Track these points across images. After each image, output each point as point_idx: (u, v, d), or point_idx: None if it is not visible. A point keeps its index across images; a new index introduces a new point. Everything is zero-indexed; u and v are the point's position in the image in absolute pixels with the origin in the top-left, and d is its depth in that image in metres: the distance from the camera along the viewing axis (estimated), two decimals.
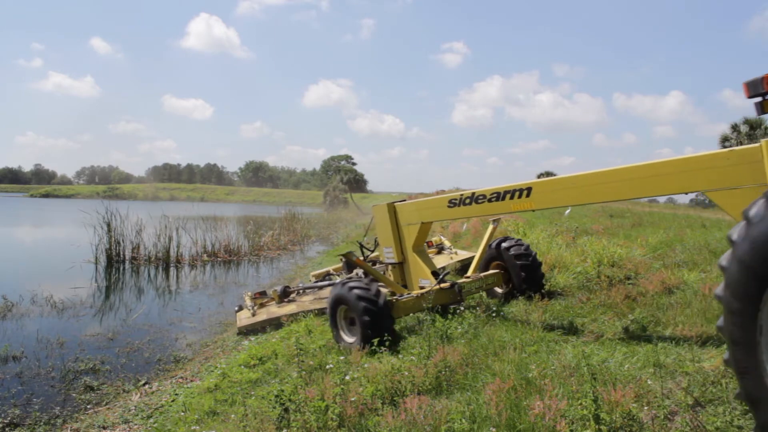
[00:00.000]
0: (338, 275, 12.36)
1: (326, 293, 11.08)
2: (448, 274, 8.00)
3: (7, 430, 6.97)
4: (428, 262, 8.01)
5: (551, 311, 7.35)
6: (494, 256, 8.69)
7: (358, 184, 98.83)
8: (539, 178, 8.31)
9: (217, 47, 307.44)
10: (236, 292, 16.44)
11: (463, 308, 7.64)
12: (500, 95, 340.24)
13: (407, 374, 5.31)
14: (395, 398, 5.06)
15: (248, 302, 11.51)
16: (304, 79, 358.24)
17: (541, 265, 8.59)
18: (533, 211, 6.53)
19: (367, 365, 5.87)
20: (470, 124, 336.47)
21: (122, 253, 21.89)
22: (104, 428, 6.96)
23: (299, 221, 37.88)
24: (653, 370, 4.87)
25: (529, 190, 6.23)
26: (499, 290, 8.60)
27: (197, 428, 5.81)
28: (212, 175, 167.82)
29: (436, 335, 6.53)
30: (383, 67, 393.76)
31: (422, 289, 7.73)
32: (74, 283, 17.06)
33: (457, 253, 12.59)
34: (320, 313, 9.88)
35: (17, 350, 9.89)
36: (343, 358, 6.58)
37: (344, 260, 12.46)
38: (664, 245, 9.73)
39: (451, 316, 7.42)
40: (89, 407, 7.69)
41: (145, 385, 8.52)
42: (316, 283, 11.80)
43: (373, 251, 9.16)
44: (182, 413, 6.46)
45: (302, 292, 11.47)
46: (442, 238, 13.80)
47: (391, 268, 8.50)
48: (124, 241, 21.98)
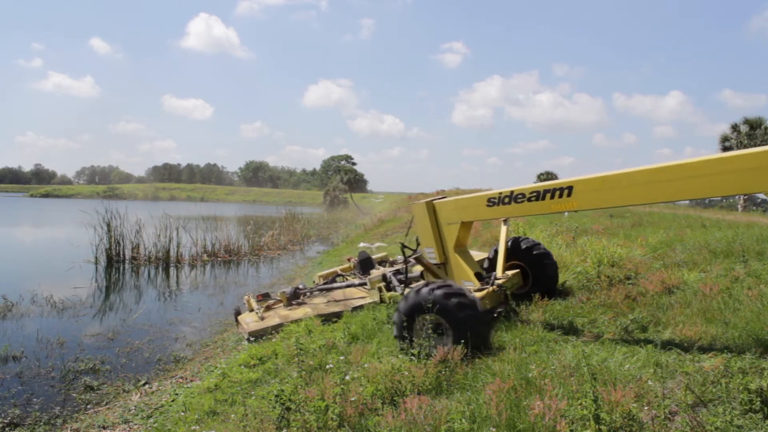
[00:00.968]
0: (347, 276, 12.06)
1: (338, 295, 10.77)
2: (492, 276, 7.51)
3: (7, 430, 6.98)
4: (471, 263, 7.63)
5: (551, 311, 7.34)
6: (509, 256, 8.32)
7: (358, 184, 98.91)
8: (539, 178, 8.15)
9: (216, 47, 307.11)
10: (236, 292, 16.44)
11: (503, 312, 7.23)
12: (500, 95, 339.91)
13: (407, 374, 5.31)
14: (395, 398, 5.06)
15: (255, 305, 10.94)
16: (304, 79, 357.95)
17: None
18: (576, 211, 6.13)
19: (367, 365, 5.87)
20: (470, 124, 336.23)
21: (122, 253, 21.90)
22: (104, 428, 6.96)
23: (299, 221, 37.91)
24: (653, 370, 4.87)
25: (570, 189, 5.89)
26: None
27: (197, 428, 5.81)
28: (212, 175, 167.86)
29: None
30: (383, 67, 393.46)
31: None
32: (74, 283, 17.06)
33: None
34: (326, 319, 9.54)
35: (17, 350, 9.89)
36: (343, 358, 6.58)
37: (357, 260, 12.05)
38: (664, 245, 9.73)
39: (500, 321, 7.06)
40: (89, 407, 7.70)
41: (145, 385, 8.52)
42: (324, 284, 11.44)
43: (415, 251, 8.72)
44: (182, 413, 6.47)
45: (312, 294, 11.06)
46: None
47: (425, 270, 8.01)
48: (124, 241, 21.99)
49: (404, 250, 9.26)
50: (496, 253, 8.35)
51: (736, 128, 32.39)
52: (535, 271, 8.19)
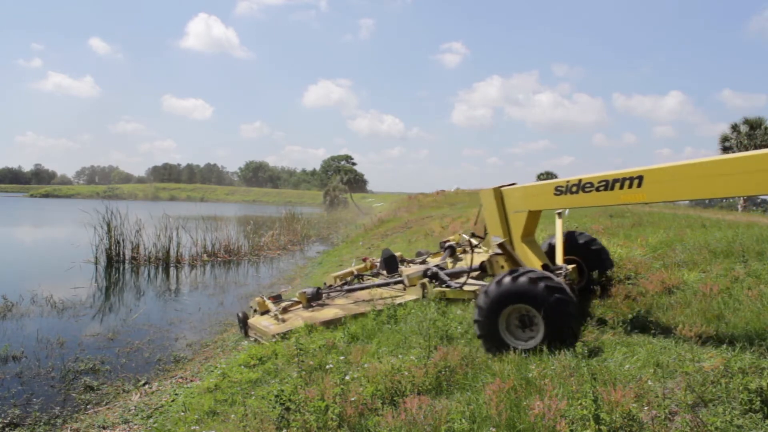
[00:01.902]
0: (364, 276, 11.74)
1: (362, 295, 10.31)
2: (563, 268, 7.28)
3: (7, 430, 6.98)
4: (539, 253, 7.33)
5: None
6: (565, 250, 7.95)
7: (358, 184, 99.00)
8: (539, 178, 7.98)
9: (216, 47, 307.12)
10: (236, 292, 16.45)
11: None
12: (500, 95, 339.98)
13: (407, 374, 5.31)
14: (395, 398, 5.06)
15: (272, 307, 10.18)
16: (303, 79, 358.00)
17: None
18: (646, 204, 5.79)
19: (366, 365, 5.87)
20: (470, 124, 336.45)
21: (122, 253, 21.92)
22: (104, 428, 6.96)
23: (299, 221, 37.92)
24: (653, 370, 4.87)
25: (640, 179, 5.61)
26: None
27: (197, 428, 5.81)
28: (212, 175, 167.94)
29: (436, 335, 6.54)
30: (383, 67, 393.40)
31: None
32: (74, 283, 17.07)
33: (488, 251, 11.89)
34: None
35: (17, 350, 9.90)
36: (343, 358, 6.58)
37: (382, 259, 11.72)
38: (664, 245, 9.71)
39: None
40: (89, 407, 7.70)
41: (145, 385, 8.53)
42: (343, 285, 11.10)
43: (483, 238, 8.41)
44: (182, 413, 6.47)
45: (330, 295, 10.67)
46: (463, 235, 12.74)
47: (489, 260, 7.79)
48: (124, 241, 22.01)
49: (472, 239, 8.86)
50: (549, 246, 8.10)
51: (736, 128, 32.34)
52: (591, 267, 7.95)
